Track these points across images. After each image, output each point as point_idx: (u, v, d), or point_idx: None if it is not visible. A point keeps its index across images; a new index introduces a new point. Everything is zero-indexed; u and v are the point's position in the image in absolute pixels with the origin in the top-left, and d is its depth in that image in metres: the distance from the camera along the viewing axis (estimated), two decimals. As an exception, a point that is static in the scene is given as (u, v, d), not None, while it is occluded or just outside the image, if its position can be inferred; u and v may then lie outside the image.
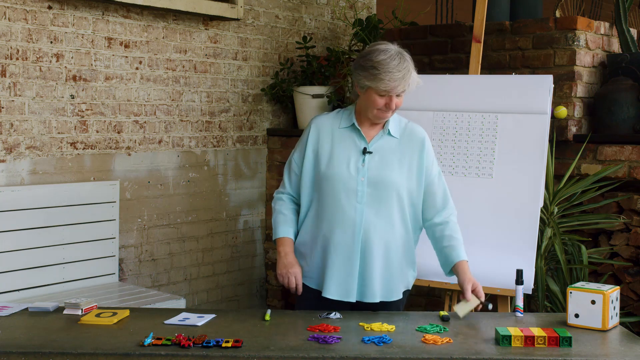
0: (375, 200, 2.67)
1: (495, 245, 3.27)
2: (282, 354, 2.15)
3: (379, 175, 2.68)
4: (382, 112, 2.66)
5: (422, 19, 5.23)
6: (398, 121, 2.79)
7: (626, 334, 2.40)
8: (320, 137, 2.76)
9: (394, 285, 2.74)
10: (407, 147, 2.74)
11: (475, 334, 2.37)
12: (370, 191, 2.67)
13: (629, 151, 3.81)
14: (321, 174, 2.72)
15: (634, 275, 3.80)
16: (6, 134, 3.76)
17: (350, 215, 2.67)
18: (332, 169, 2.70)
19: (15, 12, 3.77)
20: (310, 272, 2.77)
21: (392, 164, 2.70)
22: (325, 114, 2.84)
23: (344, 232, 2.67)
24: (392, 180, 2.68)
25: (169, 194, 4.53)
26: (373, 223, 2.67)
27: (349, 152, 2.71)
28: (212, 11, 4.47)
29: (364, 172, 2.68)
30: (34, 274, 3.81)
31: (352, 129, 2.74)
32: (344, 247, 2.68)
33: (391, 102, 2.62)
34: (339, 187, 2.68)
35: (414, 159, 2.73)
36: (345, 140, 2.73)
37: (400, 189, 2.70)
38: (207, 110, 4.71)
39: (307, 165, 2.76)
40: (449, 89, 3.60)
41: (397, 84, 2.60)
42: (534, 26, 4.12)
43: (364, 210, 2.66)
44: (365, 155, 2.69)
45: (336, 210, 2.68)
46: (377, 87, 2.61)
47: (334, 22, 5.53)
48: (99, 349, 2.17)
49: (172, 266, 4.58)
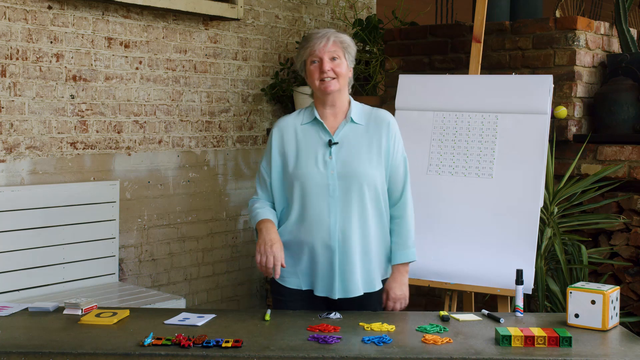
0: (348, 192, 2.63)
1: (495, 245, 3.26)
2: (282, 354, 2.15)
3: (349, 167, 2.64)
4: (325, 83, 2.64)
5: (422, 19, 5.22)
6: (361, 108, 2.76)
7: (626, 334, 2.39)
8: (284, 138, 2.73)
9: (375, 276, 2.71)
10: (374, 132, 2.69)
11: (475, 334, 2.37)
12: (342, 184, 2.63)
13: (629, 151, 3.81)
14: (290, 175, 2.68)
15: (634, 275, 3.80)
16: (6, 134, 3.76)
17: (324, 214, 2.63)
18: (300, 168, 2.66)
19: (15, 12, 3.77)
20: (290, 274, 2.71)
21: (360, 154, 2.66)
22: (287, 115, 2.83)
23: (322, 233, 2.63)
24: (362, 172, 2.64)
25: (169, 194, 4.53)
26: (348, 218, 2.63)
27: (315, 148, 2.68)
28: (212, 11, 4.47)
29: (332, 165, 2.64)
30: (34, 274, 3.81)
31: (315, 123, 2.72)
32: (324, 249, 2.64)
33: (323, 64, 2.62)
34: (309, 186, 2.64)
35: (381, 143, 2.69)
36: (310, 136, 2.70)
37: (372, 178, 2.66)
38: (207, 110, 4.71)
39: (276, 169, 2.73)
40: (449, 89, 3.60)
41: (319, 41, 2.63)
42: (534, 26, 4.12)
43: (337, 206, 2.63)
44: (331, 148, 2.66)
45: (310, 210, 2.64)
46: (305, 55, 2.67)
47: (334, 22, 5.53)
48: (99, 349, 2.17)
49: (172, 266, 4.58)
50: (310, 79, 2.69)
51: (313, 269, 2.68)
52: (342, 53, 2.66)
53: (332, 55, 2.64)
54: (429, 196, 3.43)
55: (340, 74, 2.65)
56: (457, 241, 3.34)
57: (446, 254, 3.33)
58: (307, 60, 2.68)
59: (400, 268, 2.75)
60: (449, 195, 3.42)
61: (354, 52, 2.72)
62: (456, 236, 3.35)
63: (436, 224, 3.39)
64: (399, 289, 2.74)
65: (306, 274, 2.70)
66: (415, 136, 3.55)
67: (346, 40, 2.69)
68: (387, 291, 2.75)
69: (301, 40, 2.74)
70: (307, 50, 2.66)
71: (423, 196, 3.43)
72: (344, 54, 2.67)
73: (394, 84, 4.07)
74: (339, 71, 2.65)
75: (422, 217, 3.41)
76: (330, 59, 2.64)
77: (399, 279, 2.74)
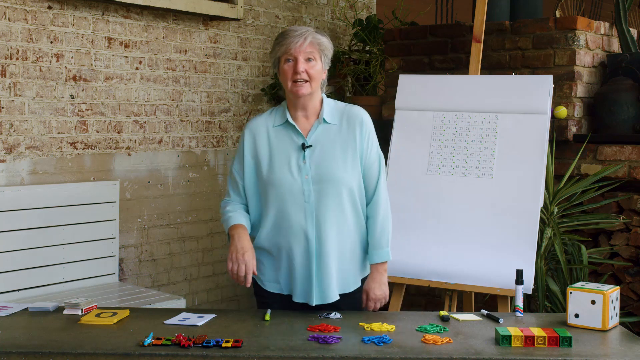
0: (323, 197, 2.57)
1: (495, 245, 3.26)
2: (282, 354, 2.15)
3: (323, 171, 2.58)
4: (297, 85, 2.56)
5: (422, 19, 5.23)
6: (334, 106, 2.68)
7: (626, 334, 2.39)
8: (256, 141, 2.65)
9: (350, 278, 2.68)
10: (348, 131, 2.62)
11: (475, 334, 2.37)
12: (317, 188, 2.57)
13: (629, 151, 3.81)
14: (264, 180, 2.62)
15: (634, 275, 3.80)
16: (6, 134, 3.76)
17: (301, 222, 2.58)
18: (274, 173, 2.60)
19: (15, 12, 3.77)
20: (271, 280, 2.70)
21: (334, 156, 2.60)
22: (258, 115, 2.74)
23: (299, 240, 2.59)
24: (337, 175, 2.58)
25: (169, 194, 4.53)
26: (324, 223, 2.58)
27: (288, 152, 2.60)
28: (212, 11, 4.47)
29: (306, 170, 2.58)
30: (34, 274, 3.81)
31: (287, 125, 2.64)
32: (301, 255, 2.60)
33: (297, 64, 2.54)
34: (284, 192, 2.58)
35: (355, 142, 2.62)
36: (282, 139, 2.63)
37: (348, 182, 2.60)
38: (207, 110, 4.71)
39: (249, 172, 2.67)
40: (449, 89, 3.60)
41: (296, 40, 2.55)
42: (534, 26, 4.12)
43: (313, 211, 2.58)
44: (304, 151, 2.60)
45: (288, 218, 2.59)
46: (280, 52, 2.59)
47: (334, 22, 5.53)
48: (99, 349, 2.17)
49: (172, 266, 4.58)
50: (282, 77, 2.62)
51: (292, 276, 2.64)
52: (318, 55, 2.59)
53: (307, 56, 2.56)
54: (429, 196, 3.43)
55: (313, 77, 2.57)
56: (457, 241, 3.34)
57: (446, 254, 3.33)
58: (282, 57, 2.59)
59: (378, 267, 2.70)
60: (449, 195, 3.42)
61: (330, 54, 2.65)
62: (456, 236, 3.35)
63: (436, 224, 3.39)
64: (379, 289, 2.69)
65: (286, 279, 2.67)
66: (415, 136, 3.55)
67: (324, 42, 2.61)
68: (367, 291, 2.70)
69: (278, 35, 2.66)
70: (283, 48, 2.58)
71: (423, 196, 3.43)
72: (320, 56, 2.60)
73: (394, 84, 4.07)
74: (312, 73, 2.57)
75: (422, 217, 3.42)
76: (305, 59, 2.56)
77: (378, 279, 2.70)
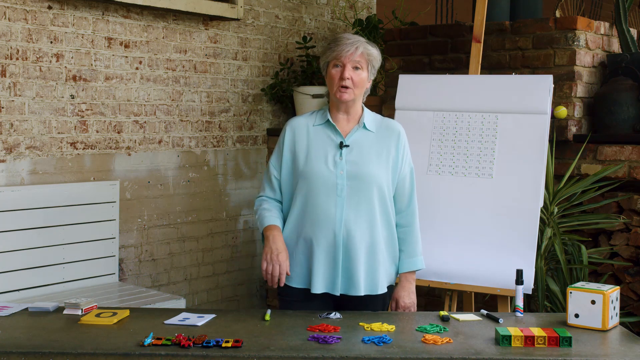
0: (356, 193, 2.66)
1: (495, 245, 3.27)
2: (282, 354, 2.15)
3: (358, 168, 2.67)
4: (341, 90, 2.66)
5: (422, 19, 5.23)
6: (374, 116, 2.80)
7: (626, 334, 2.39)
8: (296, 136, 2.76)
9: (379, 278, 2.72)
10: (384, 141, 2.74)
11: (475, 334, 2.37)
12: (350, 184, 2.66)
13: (629, 151, 3.81)
14: (299, 172, 2.71)
15: (634, 275, 3.80)
16: (6, 134, 3.76)
17: (330, 212, 2.65)
18: (310, 165, 2.69)
19: (15, 12, 3.77)
20: (293, 272, 2.73)
21: (370, 157, 2.70)
22: (299, 115, 2.86)
23: (326, 229, 2.66)
24: (372, 173, 2.68)
25: (169, 194, 4.53)
26: (354, 217, 2.66)
27: (325, 148, 2.71)
28: (212, 11, 4.47)
29: (342, 166, 2.67)
30: (34, 274, 3.81)
31: (327, 125, 2.75)
32: (326, 244, 2.66)
33: (344, 70, 2.65)
34: (318, 184, 2.67)
35: (390, 152, 2.73)
36: (321, 136, 2.74)
37: (380, 182, 2.69)
38: (207, 110, 4.71)
39: (286, 166, 2.76)
40: (449, 89, 3.60)
41: (347, 48, 2.65)
42: (534, 26, 4.12)
43: (344, 205, 2.65)
44: (342, 149, 2.69)
45: (317, 208, 2.66)
46: (330, 57, 2.69)
47: (334, 22, 5.53)
48: (99, 349, 2.17)
49: (172, 266, 4.58)
50: (329, 81, 2.72)
51: (313, 266, 2.68)
52: (365, 64, 2.69)
53: (355, 64, 2.67)
54: (429, 196, 3.43)
55: (357, 84, 2.68)
56: (457, 241, 3.34)
57: (446, 254, 3.33)
58: (331, 62, 2.70)
59: (408, 276, 2.79)
60: (449, 195, 3.42)
61: (378, 65, 2.75)
62: (456, 236, 3.35)
63: (436, 224, 3.39)
64: (408, 297, 2.77)
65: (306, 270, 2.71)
66: (415, 136, 3.55)
67: (373, 53, 2.71)
68: (397, 300, 2.77)
69: (330, 41, 2.77)
70: (334, 54, 2.68)
71: (423, 196, 3.43)
72: (368, 66, 2.70)
73: (394, 84, 4.07)
74: (357, 81, 2.67)
75: (422, 217, 3.40)
76: (353, 67, 2.66)
77: (407, 287, 2.78)
